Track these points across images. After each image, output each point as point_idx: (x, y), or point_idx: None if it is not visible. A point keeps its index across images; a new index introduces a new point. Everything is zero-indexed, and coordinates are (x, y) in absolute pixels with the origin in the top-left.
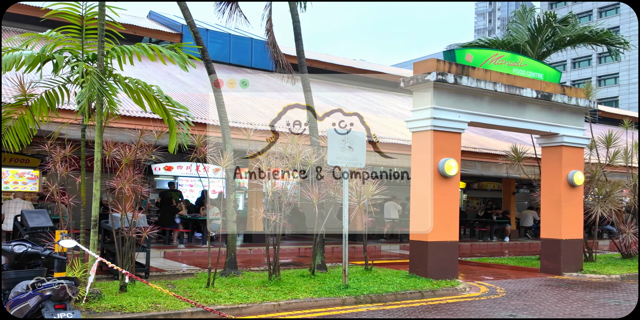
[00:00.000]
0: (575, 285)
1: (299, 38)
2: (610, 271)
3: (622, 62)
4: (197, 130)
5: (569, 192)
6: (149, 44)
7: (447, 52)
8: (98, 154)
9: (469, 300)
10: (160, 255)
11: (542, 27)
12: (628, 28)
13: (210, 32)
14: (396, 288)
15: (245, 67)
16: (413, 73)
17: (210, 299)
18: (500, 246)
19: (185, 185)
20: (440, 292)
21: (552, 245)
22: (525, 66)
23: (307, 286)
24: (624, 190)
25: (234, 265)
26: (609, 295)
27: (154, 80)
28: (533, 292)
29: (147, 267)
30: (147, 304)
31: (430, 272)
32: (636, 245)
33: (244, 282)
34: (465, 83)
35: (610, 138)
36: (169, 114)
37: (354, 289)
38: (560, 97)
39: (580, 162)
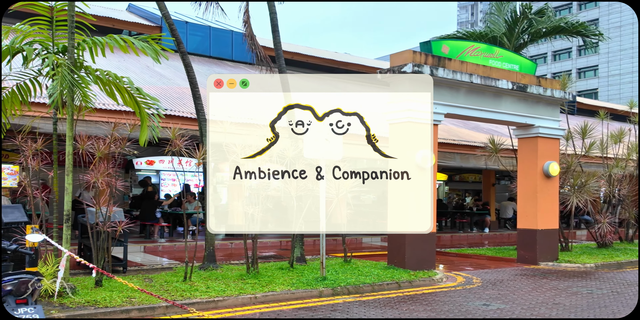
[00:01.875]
0: (550, 274)
1: (275, 30)
2: (585, 260)
3: (601, 54)
4: (174, 123)
5: (545, 182)
6: (120, 36)
7: (423, 44)
8: (70, 148)
9: (444, 290)
10: (141, 249)
11: (518, 18)
12: (607, 20)
13: (190, 24)
14: (373, 279)
15: (226, 60)
16: (390, 65)
17: (186, 293)
18: (480, 237)
19: (167, 179)
20: (417, 283)
21: (528, 236)
22: (501, 58)
23: (285, 279)
24: (601, 181)
25: (212, 258)
26: (583, 283)
27: (132, 73)
28: (508, 281)
29: (125, 262)
30: (121, 299)
31: (408, 263)
32: (611, 235)
33: (222, 275)
34: (441, 75)
35: (586, 129)
36: (140, 106)
37: (332, 281)
38: (535, 88)
39: (555, 153)
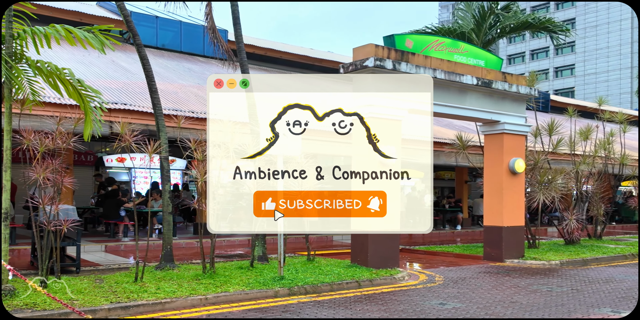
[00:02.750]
0: (513, 271)
1: (237, 22)
2: (551, 257)
3: (577, 53)
4: (133, 119)
5: (511, 179)
6: (62, 25)
7: (387, 38)
8: (8, 142)
9: (404, 289)
10: (102, 249)
11: (485, 13)
12: (583, 20)
13: (161, 19)
14: (333, 278)
15: (197, 55)
16: (352, 59)
17: (134, 295)
18: (452, 234)
19: (139, 177)
20: (378, 282)
21: (494, 233)
22: (466, 53)
23: (242, 278)
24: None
25: (170, 258)
26: (544, 281)
27: (96, 67)
28: (470, 279)
29: (78, 262)
30: (64, 300)
31: (370, 261)
32: (579, 232)
33: (178, 275)
34: (404, 69)
35: (552, 126)
36: (84, 99)
37: (289, 281)
38: (501, 84)
39: (521, 149)
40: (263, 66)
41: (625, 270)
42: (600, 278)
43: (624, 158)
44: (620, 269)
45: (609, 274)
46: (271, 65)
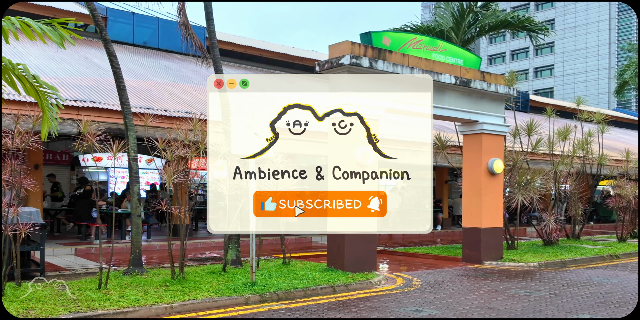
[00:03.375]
0: (492, 274)
1: (210, 18)
2: (529, 259)
3: (557, 54)
4: (103, 117)
5: (489, 180)
6: (19, 18)
7: (363, 35)
8: None
9: (380, 295)
10: (72, 252)
11: (464, 12)
12: (563, 21)
13: (138, 16)
14: (307, 283)
15: (175, 52)
16: (328, 56)
17: (96, 303)
18: (432, 235)
19: (117, 177)
20: (353, 286)
21: (473, 234)
22: (444, 51)
23: (213, 284)
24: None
25: (138, 262)
26: (522, 285)
27: (67, 64)
28: (448, 283)
29: (42, 267)
30: (19, 310)
31: (347, 264)
32: (557, 232)
33: (145, 281)
34: (381, 67)
35: (531, 126)
36: (42, 96)
37: (261, 287)
38: (479, 83)
39: (500, 149)
40: (243, 64)
41: (604, 273)
42: (579, 281)
43: (602, 158)
44: (599, 271)
45: (587, 277)
46: (251, 63)
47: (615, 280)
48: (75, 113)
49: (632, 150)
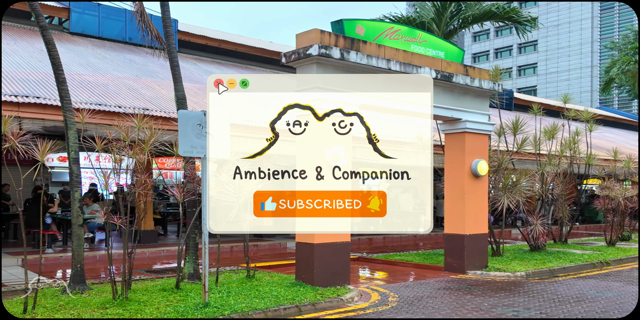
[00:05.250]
0: (476, 287)
1: (165, 4)
2: (516, 268)
3: (540, 52)
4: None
5: (473, 182)
6: None
7: (334, 23)
8: None
9: (351, 315)
10: (18, 263)
11: (446, 1)
12: (546, 19)
13: (104, 7)
14: (269, 303)
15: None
16: (295, 46)
17: None
18: (414, 238)
19: (85, 178)
20: (322, 305)
21: (455, 241)
22: (424, 43)
23: (160, 306)
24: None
25: (80, 279)
26: (509, 301)
27: (18, 56)
28: (428, 299)
29: None
30: None
31: (317, 278)
32: (544, 237)
33: (84, 302)
34: (354, 59)
35: (517, 124)
36: None
37: (214, 309)
38: (462, 78)
39: (484, 149)
40: (217, 59)
41: (596, 284)
42: (571, 296)
43: (590, 158)
44: (591, 282)
45: (579, 290)
46: (226, 58)
47: (610, 295)
48: (15, 110)
49: (620, 150)
